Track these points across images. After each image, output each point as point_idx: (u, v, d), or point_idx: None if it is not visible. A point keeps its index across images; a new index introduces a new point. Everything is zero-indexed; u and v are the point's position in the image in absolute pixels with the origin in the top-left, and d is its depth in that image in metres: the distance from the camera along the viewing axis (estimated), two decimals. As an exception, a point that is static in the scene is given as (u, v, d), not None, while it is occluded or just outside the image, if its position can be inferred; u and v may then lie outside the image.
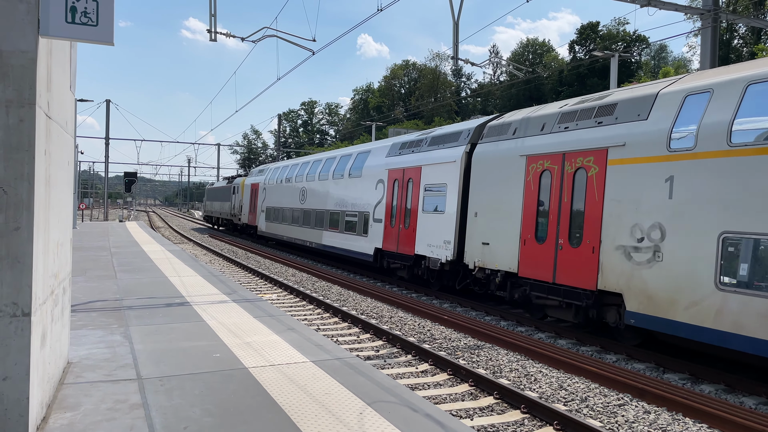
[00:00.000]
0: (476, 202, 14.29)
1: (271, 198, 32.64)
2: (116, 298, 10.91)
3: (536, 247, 12.28)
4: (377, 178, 19.57)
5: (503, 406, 7.63)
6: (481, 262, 13.92)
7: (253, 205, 36.29)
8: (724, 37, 47.09)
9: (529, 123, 13.19)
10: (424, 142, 17.44)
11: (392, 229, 18.22)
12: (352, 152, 23.05)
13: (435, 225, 15.89)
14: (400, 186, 17.98)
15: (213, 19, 17.38)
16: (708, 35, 16.47)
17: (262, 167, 38.23)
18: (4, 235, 4.15)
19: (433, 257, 15.87)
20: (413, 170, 17.35)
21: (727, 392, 8.52)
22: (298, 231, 27.41)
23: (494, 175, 13.75)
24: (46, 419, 4.90)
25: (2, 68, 4.14)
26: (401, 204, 17.80)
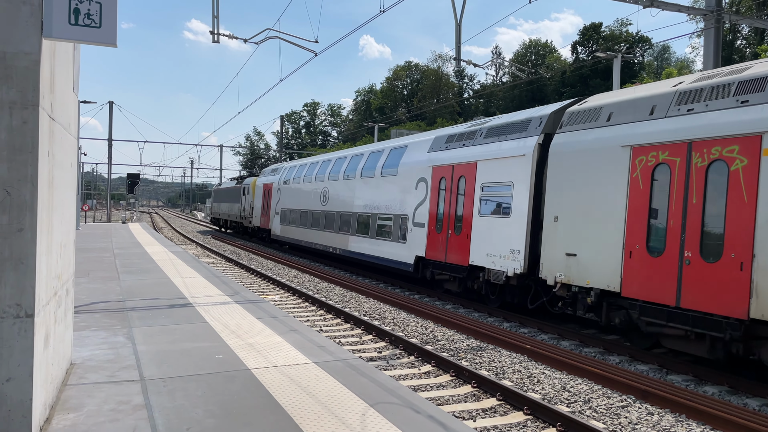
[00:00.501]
0: (556, 203, 11.86)
1: (286, 199, 30.16)
2: (119, 299, 10.92)
3: (648, 260, 9.82)
4: (418, 177, 17.28)
5: (506, 407, 7.62)
6: (565, 277, 11.41)
7: (266, 206, 33.80)
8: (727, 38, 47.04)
9: (630, 106, 10.75)
10: (479, 134, 15.12)
11: (438, 235, 15.94)
12: (383, 148, 20.72)
13: (497, 231, 13.63)
14: (449, 185, 15.66)
15: (216, 21, 17.42)
16: (711, 36, 16.45)
17: (276, 166, 35.47)
18: (7, 237, 4.16)
19: (495, 269, 13.48)
20: (466, 167, 15.00)
21: (731, 394, 8.49)
22: (319, 235, 25.01)
23: (582, 171, 11.29)
24: (50, 420, 4.91)
25: (6, 70, 4.15)
26: (450, 206, 15.53)
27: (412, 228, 17.31)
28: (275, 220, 31.77)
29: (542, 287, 12.56)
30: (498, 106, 73.96)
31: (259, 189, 35.62)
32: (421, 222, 16.88)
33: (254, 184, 37.25)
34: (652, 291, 9.72)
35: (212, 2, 17.22)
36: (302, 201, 27.67)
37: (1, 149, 4.15)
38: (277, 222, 31.44)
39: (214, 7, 17.26)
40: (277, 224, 31.40)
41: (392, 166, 19.18)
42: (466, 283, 15.06)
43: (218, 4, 17.27)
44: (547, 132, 12.88)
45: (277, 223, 31.31)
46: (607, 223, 10.68)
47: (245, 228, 40.13)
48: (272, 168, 35.95)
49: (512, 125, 14.04)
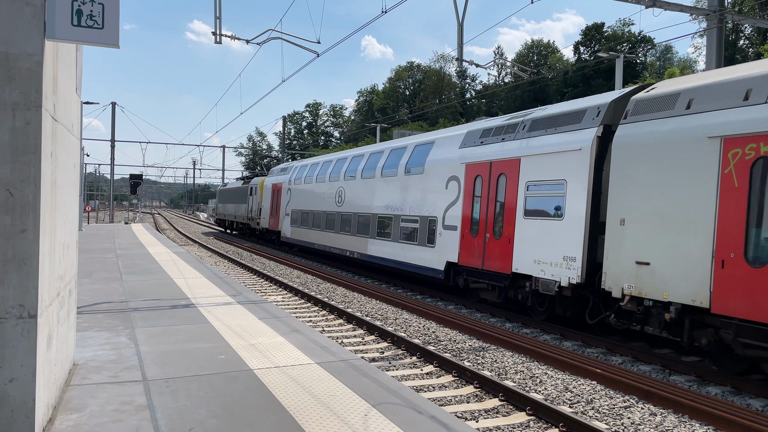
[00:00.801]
0: (622, 204, 10.38)
1: (298, 200, 28.60)
2: (122, 299, 10.94)
3: (748, 271, 8.35)
4: (448, 175, 15.86)
5: (508, 408, 7.61)
6: (636, 288, 9.93)
7: (275, 207, 32.13)
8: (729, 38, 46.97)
9: (718, 91, 9.31)
10: (521, 127, 13.66)
11: (473, 239, 14.51)
12: (406, 144, 19.21)
13: (546, 235, 12.20)
14: (486, 184, 14.24)
15: (218, 22, 17.44)
16: (714, 36, 16.43)
17: (285, 165, 33.53)
18: (10, 237, 4.17)
19: (544, 278, 12.09)
20: (506, 163, 13.57)
21: (734, 394, 8.48)
22: (334, 238, 23.51)
23: (656, 167, 9.81)
24: (52, 421, 4.92)
25: (9, 71, 4.16)
26: (488, 207, 14.10)
27: (442, 231, 15.90)
28: (285, 221, 30.24)
29: (603, 299, 11.12)
30: (500, 106, 73.96)
31: (268, 189, 34.14)
32: (452, 224, 15.48)
33: (262, 184, 35.71)
34: (754, 308, 8.19)
35: (214, 3, 17.25)
36: (315, 202, 26.20)
37: (3, 150, 4.16)
38: (287, 224, 29.94)
39: (216, 8, 17.29)
40: (287, 226, 29.91)
41: (417, 164, 17.78)
42: (507, 293, 13.56)
43: (220, 5, 17.30)
44: (606, 123, 11.49)
45: (288, 224, 29.79)
46: (691, 227, 9.17)
47: (252, 230, 38.61)
48: (281, 167, 34.18)
49: (563, 116, 12.58)
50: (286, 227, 29.96)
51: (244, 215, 40.06)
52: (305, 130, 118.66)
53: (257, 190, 36.53)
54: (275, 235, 32.96)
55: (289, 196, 29.94)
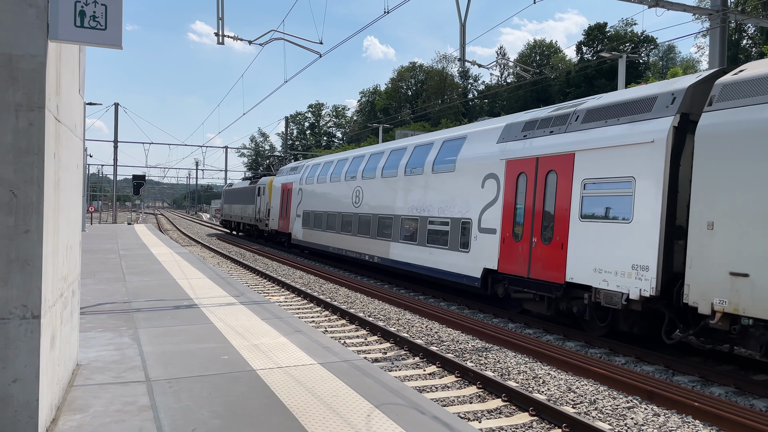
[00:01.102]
0: (710, 204, 9.01)
1: (310, 200, 27.08)
2: (125, 300, 10.96)
3: None
4: (484, 173, 14.40)
5: (511, 408, 7.60)
6: (730, 304, 8.52)
7: (285, 208, 30.51)
8: (732, 38, 46.89)
9: None
10: (573, 118, 12.16)
11: (516, 243, 13.02)
12: (432, 141, 17.76)
13: (610, 240, 10.70)
14: (531, 182, 12.76)
15: (220, 23, 17.47)
16: (717, 36, 16.40)
17: (296, 164, 31.78)
18: (13, 238, 4.18)
19: (607, 290, 10.55)
20: (557, 159, 12.07)
21: (737, 395, 8.46)
22: (351, 241, 22.05)
23: (756, 162, 8.43)
24: (56, 421, 4.93)
25: (12, 72, 4.17)
26: (534, 208, 12.59)
27: (478, 234, 14.44)
28: (296, 223, 28.68)
29: (680, 315, 9.79)
30: (502, 106, 73.93)
31: (277, 189, 32.42)
32: (490, 227, 14.01)
33: (271, 184, 34.12)
34: None
35: (217, 4, 17.27)
36: (329, 202, 24.72)
37: (7, 151, 4.17)
38: (298, 225, 28.37)
39: (218, 8, 17.31)
40: (298, 228, 28.34)
41: (447, 161, 16.33)
42: (558, 305, 12.07)
43: (223, 6, 17.32)
44: (683, 111, 10.06)
45: (299, 226, 28.21)
46: None
47: (260, 232, 36.83)
48: (291, 166, 32.30)
49: (626, 105, 11.10)
50: (298, 229, 28.46)
51: (251, 216, 38.48)
52: (308, 131, 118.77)
53: (265, 190, 34.96)
54: (285, 238, 31.30)
55: (301, 197, 28.39)
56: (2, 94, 4.15)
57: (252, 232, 39.82)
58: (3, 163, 4.16)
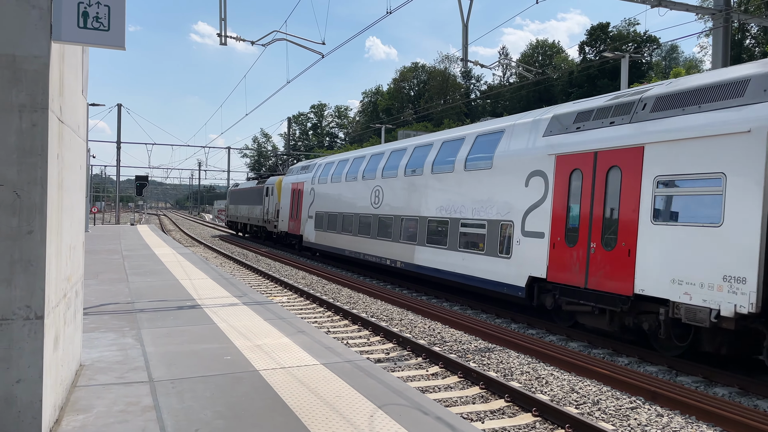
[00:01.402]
0: None
1: (323, 201, 25.66)
2: (128, 300, 10.97)
3: None
4: (529, 170, 13.02)
5: (514, 409, 7.59)
6: None
7: (296, 209, 29.11)
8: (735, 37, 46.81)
9: None
10: (639, 106, 10.77)
11: (570, 249, 11.56)
12: (463, 136, 16.38)
13: (692, 246, 9.31)
14: (589, 179, 11.35)
15: (223, 23, 17.49)
16: (720, 35, 16.37)
17: (306, 163, 30.24)
18: (17, 239, 4.19)
19: (690, 305, 9.17)
20: (622, 153, 10.69)
21: (741, 395, 8.43)
22: (370, 244, 20.70)
23: None
24: (59, 421, 4.93)
25: (15, 73, 4.18)
26: (592, 208, 11.17)
27: (522, 238, 13.01)
28: (308, 224, 27.24)
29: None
30: (505, 106, 73.90)
31: (287, 189, 30.93)
32: (536, 230, 12.57)
33: (280, 183, 32.72)
34: None
35: (220, 5, 17.30)
36: (345, 203, 23.37)
37: (10, 152, 4.18)
38: (310, 227, 26.92)
39: (221, 9, 17.34)
40: (310, 229, 26.91)
41: (482, 158, 14.96)
42: (623, 320, 10.63)
43: (226, 7, 17.34)
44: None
45: (311, 228, 26.78)
46: None
47: (269, 233, 35.54)
48: (302, 165, 30.71)
49: (710, 90, 9.71)
50: (309, 231, 27.05)
51: (259, 217, 36.98)
52: (310, 131, 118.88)
53: (274, 190, 33.53)
54: (296, 240, 29.97)
55: (313, 197, 26.90)
56: (6, 95, 4.16)
57: (259, 234, 38.46)
58: (6, 164, 4.17)
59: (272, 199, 33.84)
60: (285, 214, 31.21)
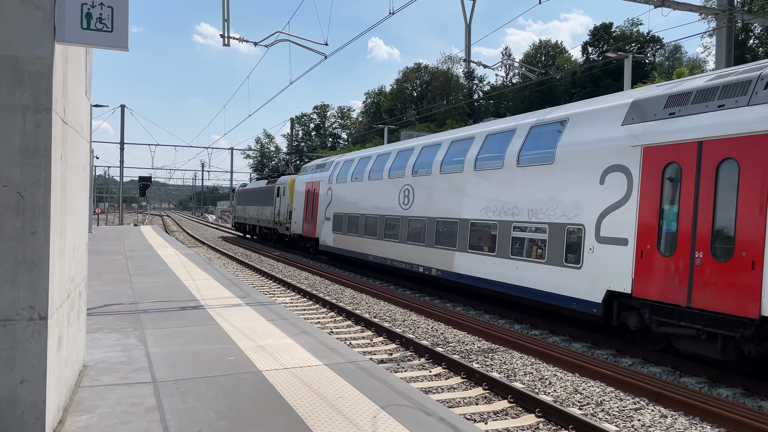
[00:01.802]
0: None
1: (342, 201, 23.77)
2: (131, 301, 10.99)
3: None
4: (605, 164, 11.24)
5: (518, 409, 7.58)
6: None
7: (311, 210, 27.19)
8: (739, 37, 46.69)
9: None
10: (761, 85, 8.96)
11: (665, 259, 9.71)
12: (513, 127, 14.45)
13: None
14: (691, 175, 9.51)
15: (226, 24, 17.50)
16: (723, 35, 16.33)
17: (322, 161, 28.49)
18: (21, 239, 4.20)
19: None
20: (739, 143, 8.88)
21: (745, 396, 8.41)
22: (399, 249, 18.79)
23: None
24: (63, 422, 4.94)
25: (19, 74, 4.19)
26: (696, 210, 9.32)
27: (596, 245, 11.17)
28: (325, 227, 25.23)
29: None
30: (508, 107, 73.85)
31: (300, 189, 29.21)
32: (617, 236, 10.76)
33: (292, 183, 30.97)
34: None
35: (223, 6, 17.32)
36: (367, 203, 21.47)
37: (14, 153, 4.19)
38: (327, 229, 24.94)
39: (224, 10, 17.35)
40: (327, 232, 24.94)
41: (541, 151, 13.16)
42: (743, 347, 8.73)
43: (229, 8, 17.36)
44: None
45: (328, 230, 24.79)
46: None
47: (280, 236, 33.46)
48: (317, 164, 28.89)
49: None
50: (327, 234, 25.04)
51: (269, 219, 34.90)
52: (313, 132, 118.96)
53: (286, 190, 31.62)
54: (311, 243, 27.99)
55: (330, 197, 24.93)
56: (9, 95, 4.17)
57: (269, 236, 36.49)
58: (10, 165, 4.18)
59: (284, 199, 31.84)
60: (298, 215, 29.36)
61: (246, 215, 41.81)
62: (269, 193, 35.04)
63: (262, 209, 36.88)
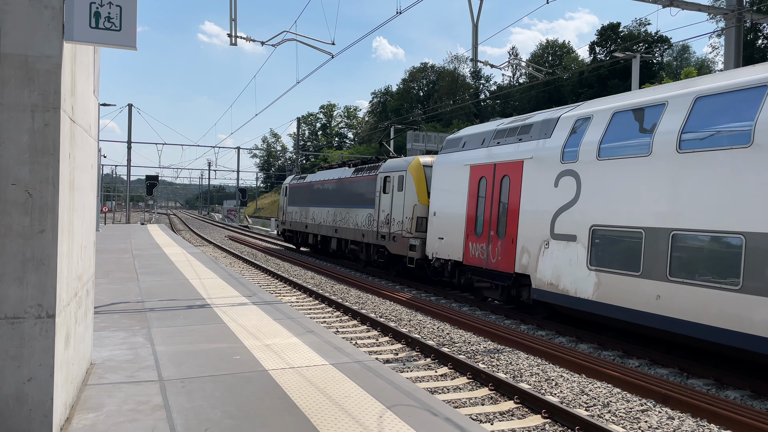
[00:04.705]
0: None
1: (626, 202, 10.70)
2: (138, 300, 11.02)
3: None
4: None
5: (524, 410, 7.56)
6: None
7: (490, 216, 14.63)
8: (748, 37, 46.42)
9: None
10: None
11: None
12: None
13: None
14: None
15: (233, 24, 17.53)
16: (732, 35, 16.23)
17: (497, 124, 15.76)
18: (29, 238, 4.21)
19: None
20: None
21: (753, 398, 8.35)
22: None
23: None
24: (70, 420, 4.96)
25: (28, 73, 4.21)
26: None
27: None
28: (557, 254, 12.17)
29: None
30: (515, 107, 73.70)
31: (447, 178, 16.75)
32: None
33: (417, 169, 18.98)
34: None
35: (230, 5, 17.34)
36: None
37: (23, 151, 4.20)
38: (570, 261, 11.81)
39: (231, 9, 17.37)
40: (573, 269, 11.70)
41: None
42: None
43: (236, 7, 17.38)
44: None
45: (576, 264, 11.63)
46: None
47: (388, 256, 20.33)
48: (487, 130, 15.90)
49: None
50: (570, 272, 11.82)
51: (363, 229, 22.31)
52: (319, 132, 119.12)
53: (405, 180, 19.29)
54: (492, 282, 14.59)
55: (577, 191, 11.87)
56: (18, 94, 4.19)
57: (358, 255, 23.25)
58: (19, 164, 4.19)
59: (400, 197, 19.57)
60: (446, 224, 16.50)
61: (307, 221, 29.24)
62: (365, 188, 22.71)
63: (345, 213, 24.39)
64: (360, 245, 23.03)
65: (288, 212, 32.93)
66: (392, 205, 20.16)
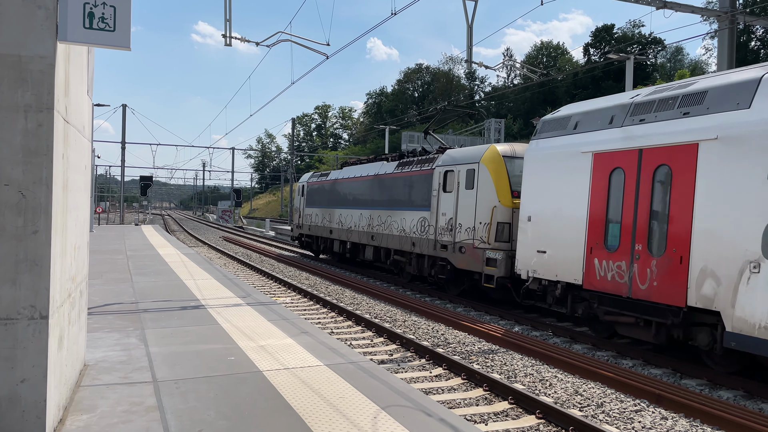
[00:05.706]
0: None
1: None
2: (132, 300, 10.99)
3: None
4: None
5: (518, 411, 7.57)
6: None
7: (611, 224, 10.70)
8: (740, 39, 46.66)
9: None
10: None
11: None
12: None
13: None
14: None
15: (228, 24, 17.51)
16: (725, 37, 16.33)
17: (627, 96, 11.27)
18: (22, 239, 4.20)
19: None
20: None
21: (746, 398, 8.40)
22: None
23: None
24: (63, 421, 4.94)
25: (21, 73, 4.20)
26: None
27: None
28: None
29: None
30: (509, 108, 73.85)
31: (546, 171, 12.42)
32: None
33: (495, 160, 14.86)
34: None
35: (224, 6, 17.32)
36: None
37: (16, 152, 4.19)
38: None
39: (226, 10, 17.36)
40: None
41: None
42: None
43: (230, 8, 17.36)
44: None
45: None
46: None
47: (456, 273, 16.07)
48: (618, 104, 11.16)
49: None
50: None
51: (413, 235, 17.89)
52: (314, 132, 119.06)
53: (476, 176, 15.20)
54: (626, 313, 10.41)
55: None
56: (12, 95, 4.18)
57: (403, 269, 19.30)
58: (12, 164, 4.18)
59: (470, 196, 15.39)
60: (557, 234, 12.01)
61: (332, 224, 24.42)
62: (414, 185, 18.21)
63: (385, 216, 19.85)
64: (407, 256, 18.51)
65: (305, 215, 27.59)
66: (457, 207, 15.87)
